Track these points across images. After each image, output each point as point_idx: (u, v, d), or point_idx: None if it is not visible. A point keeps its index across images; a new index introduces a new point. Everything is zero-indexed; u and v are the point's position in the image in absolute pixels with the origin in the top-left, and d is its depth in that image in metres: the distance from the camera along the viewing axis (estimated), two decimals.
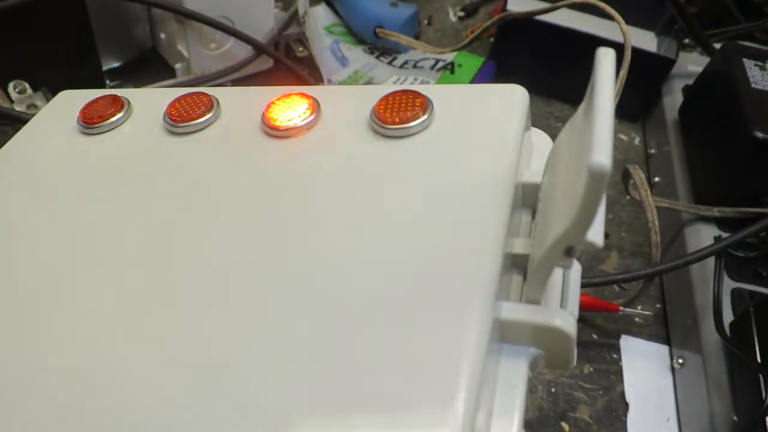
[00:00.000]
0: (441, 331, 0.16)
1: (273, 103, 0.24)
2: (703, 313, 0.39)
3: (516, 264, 0.20)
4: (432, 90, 0.23)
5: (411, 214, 0.19)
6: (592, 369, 0.40)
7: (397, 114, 0.22)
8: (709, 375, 0.37)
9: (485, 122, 0.22)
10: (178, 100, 0.25)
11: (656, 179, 0.51)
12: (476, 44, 0.59)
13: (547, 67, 0.55)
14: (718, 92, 0.46)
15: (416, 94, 0.22)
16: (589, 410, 0.38)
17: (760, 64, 0.45)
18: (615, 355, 0.41)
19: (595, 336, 0.42)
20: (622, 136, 0.56)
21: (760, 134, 0.39)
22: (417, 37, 0.60)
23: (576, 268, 0.20)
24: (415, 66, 0.56)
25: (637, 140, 0.56)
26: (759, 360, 0.33)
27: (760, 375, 0.32)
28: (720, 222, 0.43)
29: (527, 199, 0.22)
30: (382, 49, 0.57)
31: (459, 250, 0.18)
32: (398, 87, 0.23)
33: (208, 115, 0.24)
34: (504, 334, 0.18)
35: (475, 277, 0.17)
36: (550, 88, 0.56)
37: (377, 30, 0.55)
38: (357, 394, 0.15)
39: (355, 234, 0.19)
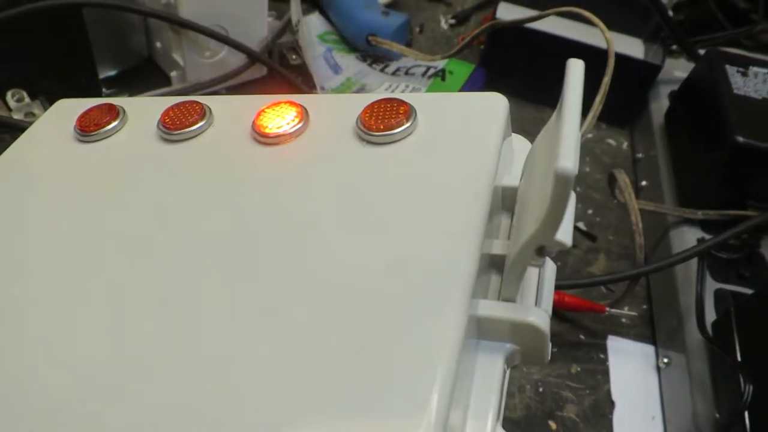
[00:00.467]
0: (416, 329, 0.17)
1: (263, 111, 0.24)
2: (687, 314, 0.40)
3: (495, 264, 0.21)
4: (416, 98, 0.24)
5: (393, 217, 0.20)
6: (579, 369, 0.41)
7: (382, 121, 0.23)
8: (693, 374, 0.38)
9: (466, 129, 0.23)
10: (171, 108, 0.26)
11: (643, 183, 0.52)
12: (467, 52, 0.60)
13: (537, 73, 0.56)
14: (702, 98, 0.47)
15: (400, 102, 0.23)
16: (576, 409, 0.39)
17: (742, 70, 0.46)
18: (602, 355, 0.42)
19: (582, 336, 0.43)
20: (611, 141, 0.57)
21: (741, 138, 0.40)
22: (409, 45, 0.61)
23: (551, 267, 0.21)
24: (406, 73, 0.57)
25: (625, 145, 0.57)
26: (739, 359, 0.34)
27: (740, 374, 0.33)
28: (704, 224, 0.44)
29: (507, 202, 0.22)
30: (374, 56, 0.58)
31: (437, 251, 0.18)
32: (385, 95, 0.24)
33: (201, 123, 0.25)
34: (481, 330, 0.19)
35: (451, 277, 0.18)
36: (539, 94, 0.57)
37: (369, 38, 0.56)
38: (331, 391, 0.16)
39: (339, 236, 0.20)
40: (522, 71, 0.57)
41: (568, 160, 0.15)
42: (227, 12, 0.48)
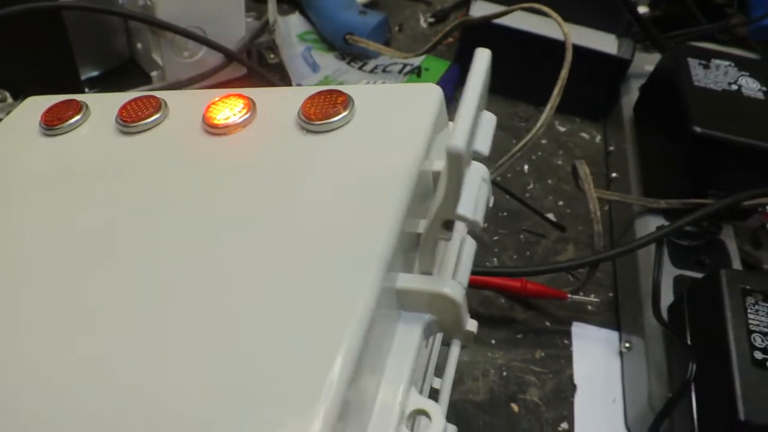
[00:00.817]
0: (331, 298, 0.18)
1: (213, 103, 0.26)
2: (647, 299, 0.41)
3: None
4: (355, 89, 0.25)
5: (324, 200, 0.21)
6: (543, 354, 0.42)
7: (321, 111, 0.24)
8: (650, 357, 0.39)
9: (400, 118, 0.24)
10: (129, 102, 0.27)
11: (613, 175, 0.53)
12: (444, 49, 0.61)
13: (510, 69, 0.57)
14: (665, 90, 0.48)
15: (339, 93, 0.25)
16: (538, 392, 0.41)
17: (704, 63, 0.47)
18: (566, 341, 0.43)
19: (548, 323, 0.44)
20: (584, 135, 0.58)
21: (698, 129, 0.42)
22: (388, 43, 0.62)
23: (470, 243, 0.22)
24: (384, 71, 0.58)
25: (598, 138, 0.58)
26: (689, 341, 0.35)
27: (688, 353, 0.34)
28: (667, 213, 0.45)
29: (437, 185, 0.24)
30: (353, 55, 0.59)
31: (359, 229, 0.20)
32: (326, 87, 0.25)
33: (156, 116, 0.26)
34: (402, 302, 0.20)
35: (368, 252, 0.19)
36: (514, 89, 0.59)
37: (347, 37, 0.57)
38: (238, 356, 0.17)
39: (271, 219, 0.21)
40: (496, 67, 0.58)
41: (458, 139, 0.16)
42: (204, 13, 0.49)
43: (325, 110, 0.24)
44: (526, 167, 0.54)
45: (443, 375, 0.28)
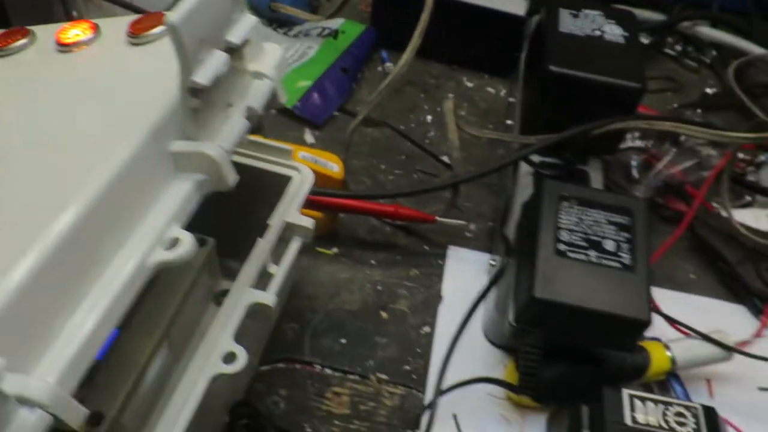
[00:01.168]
0: (99, 152, 0.23)
1: (65, 27, 0.32)
2: (513, 222, 0.46)
3: None
4: None
5: (126, 92, 0.27)
6: (418, 272, 0.47)
7: (142, 27, 0.29)
8: (505, 270, 0.44)
9: None
10: (5, 32, 0.33)
11: (508, 122, 0.58)
12: (364, 15, 0.66)
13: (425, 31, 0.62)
14: (536, 38, 0.52)
15: (159, 15, 0.30)
16: (407, 303, 0.46)
17: (574, 12, 0.51)
18: (441, 262, 0.48)
19: (426, 247, 0.49)
20: (490, 89, 0.63)
21: (554, 68, 0.46)
22: (315, 11, 0.68)
23: (241, 123, 0.27)
24: (306, 35, 0.64)
25: (502, 92, 0.63)
26: (520, 245, 0.40)
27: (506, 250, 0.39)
28: (542, 150, 0.50)
29: None
30: (279, 21, 0.65)
31: (142, 106, 0.25)
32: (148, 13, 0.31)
33: (24, 41, 0.32)
34: (177, 163, 0.25)
35: (140, 121, 0.24)
36: (424, 49, 0.63)
37: (271, 4, 0.63)
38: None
39: (78, 105, 0.27)
40: (407, 29, 0.63)
41: (173, 15, 0.21)
42: None
43: (144, 27, 0.29)
44: (429, 118, 0.59)
45: (280, 262, 0.34)
